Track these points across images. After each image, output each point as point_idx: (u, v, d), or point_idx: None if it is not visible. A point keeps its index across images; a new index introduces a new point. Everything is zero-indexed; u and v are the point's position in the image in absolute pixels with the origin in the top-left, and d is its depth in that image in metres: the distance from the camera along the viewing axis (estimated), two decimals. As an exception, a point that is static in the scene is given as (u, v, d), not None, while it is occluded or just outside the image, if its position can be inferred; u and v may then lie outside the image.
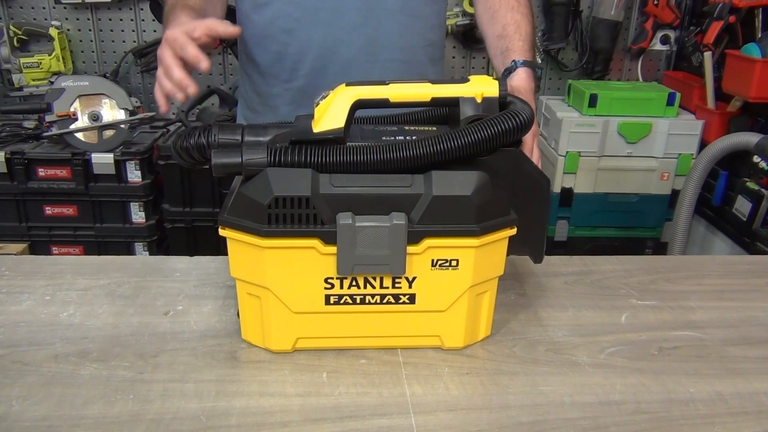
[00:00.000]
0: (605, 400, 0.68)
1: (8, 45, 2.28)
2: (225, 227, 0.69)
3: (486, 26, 1.07)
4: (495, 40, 1.04)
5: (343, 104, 0.71)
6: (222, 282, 0.90)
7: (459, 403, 0.67)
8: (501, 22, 1.03)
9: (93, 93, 2.01)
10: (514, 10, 1.03)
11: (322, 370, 0.72)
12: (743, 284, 0.96)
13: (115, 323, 0.80)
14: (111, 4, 2.35)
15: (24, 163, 2.03)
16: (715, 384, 0.72)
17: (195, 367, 0.72)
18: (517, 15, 1.03)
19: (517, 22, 1.02)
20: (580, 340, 0.79)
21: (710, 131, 2.16)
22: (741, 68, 1.96)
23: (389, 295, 0.71)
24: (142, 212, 2.13)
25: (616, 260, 1.01)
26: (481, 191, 0.68)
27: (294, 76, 1.08)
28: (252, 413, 0.65)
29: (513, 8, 1.03)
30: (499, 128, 0.68)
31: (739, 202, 2.04)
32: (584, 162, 2.18)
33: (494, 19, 1.05)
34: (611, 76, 2.54)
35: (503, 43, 1.02)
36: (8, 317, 0.81)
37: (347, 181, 0.67)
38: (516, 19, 1.03)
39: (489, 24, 1.06)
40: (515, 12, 1.03)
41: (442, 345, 0.75)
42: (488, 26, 1.06)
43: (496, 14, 1.04)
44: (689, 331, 0.82)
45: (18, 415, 0.64)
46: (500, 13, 1.04)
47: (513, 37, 1.01)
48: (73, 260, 1.00)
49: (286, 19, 1.04)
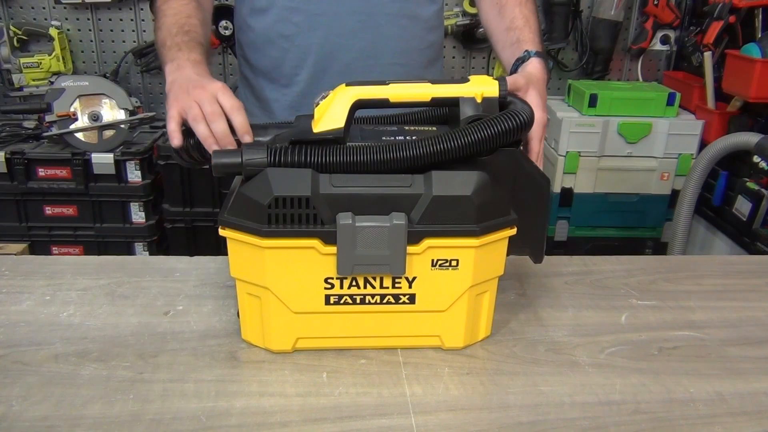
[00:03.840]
0: (605, 400, 0.68)
1: (8, 45, 2.28)
2: (225, 227, 0.69)
3: (493, 21, 1.07)
4: (504, 33, 1.04)
5: (343, 104, 0.71)
6: (222, 282, 0.90)
7: (459, 403, 0.67)
8: (509, 16, 1.03)
9: (93, 93, 2.01)
10: (522, 5, 1.04)
11: (322, 370, 0.72)
12: (743, 284, 0.96)
13: (115, 323, 0.80)
14: (111, 4, 2.35)
15: (24, 163, 2.02)
16: (715, 384, 0.72)
17: (195, 367, 0.72)
18: (525, 10, 1.03)
19: (526, 16, 1.03)
20: (580, 340, 0.79)
21: (710, 131, 2.16)
22: (741, 68, 1.96)
23: (389, 295, 0.71)
24: (142, 212, 2.13)
25: (616, 260, 1.01)
26: (481, 191, 0.68)
27: (293, 81, 1.08)
28: (252, 413, 0.65)
29: (521, 3, 1.04)
30: (499, 128, 0.68)
31: (739, 202, 2.04)
32: (584, 162, 2.18)
33: (502, 13, 1.05)
34: (611, 76, 2.54)
35: (513, 35, 1.01)
36: (8, 317, 0.81)
37: (347, 181, 0.67)
38: (524, 13, 1.03)
39: (497, 19, 1.06)
40: (523, 7, 1.04)
41: (442, 345, 0.75)
42: (496, 20, 1.06)
43: (504, 9, 1.04)
44: (689, 331, 0.82)
45: (18, 415, 0.64)
46: (508, 8, 1.04)
47: (523, 29, 1.01)
48: (73, 260, 1.00)
49: (285, 25, 1.04)
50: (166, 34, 0.93)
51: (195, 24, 0.95)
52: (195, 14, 0.96)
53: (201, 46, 0.92)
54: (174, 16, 0.95)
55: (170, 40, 0.92)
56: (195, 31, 0.94)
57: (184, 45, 0.90)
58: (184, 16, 0.95)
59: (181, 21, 0.94)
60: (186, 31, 0.93)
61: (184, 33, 0.92)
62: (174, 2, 0.97)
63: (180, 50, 0.90)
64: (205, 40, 0.96)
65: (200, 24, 0.96)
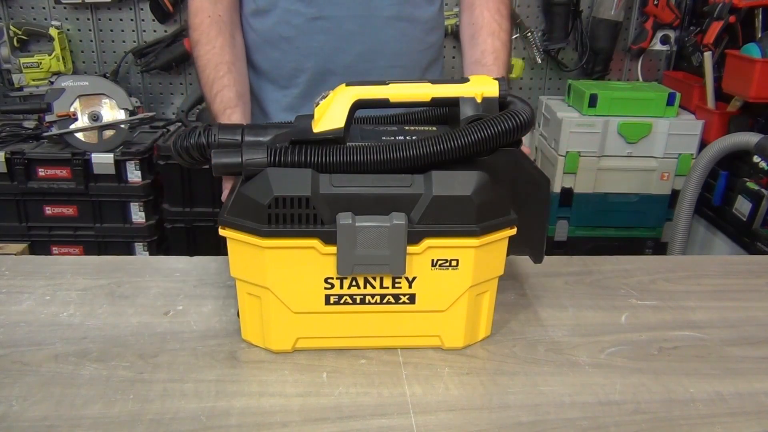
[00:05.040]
0: (605, 400, 0.68)
1: (8, 45, 2.28)
2: (225, 227, 0.69)
3: (465, 45, 1.09)
4: (472, 65, 1.06)
5: (343, 104, 0.71)
6: (222, 282, 0.90)
7: (459, 403, 0.67)
8: (480, 47, 1.04)
9: (93, 93, 2.01)
10: (494, 36, 1.04)
11: (322, 370, 0.72)
12: (743, 284, 0.96)
13: (115, 323, 0.80)
14: (111, 4, 2.35)
15: (24, 163, 2.03)
16: (715, 384, 0.72)
17: (195, 367, 0.72)
18: (497, 42, 1.04)
19: (497, 51, 1.03)
20: (580, 340, 0.79)
21: (710, 131, 2.16)
22: (741, 68, 1.96)
23: (389, 295, 0.71)
24: (142, 212, 2.13)
25: (616, 260, 1.01)
26: (481, 191, 0.68)
27: (292, 83, 1.09)
28: (252, 413, 0.65)
29: (494, 34, 1.04)
30: (499, 128, 0.68)
31: (739, 202, 2.04)
32: (584, 162, 2.18)
33: (474, 40, 1.06)
34: (611, 76, 2.54)
35: (480, 70, 1.03)
36: (8, 317, 0.81)
37: (347, 181, 0.67)
38: (496, 47, 1.03)
39: (469, 45, 1.07)
40: (495, 39, 1.04)
41: (442, 345, 0.75)
42: (468, 46, 1.08)
43: (477, 35, 1.05)
44: (689, 331, 0.82)
45: (18, 415, 0.64)
46: (481, 35, 1.05)
47: (491, 68, 1.02)
48: (73, 260, 1.00)
49: (286, 27, 1.05)
50: (206, 92, 1.00)
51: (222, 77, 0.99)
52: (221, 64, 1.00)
53: (230, 101, 0.98)
54: (203, 71, 1.01)
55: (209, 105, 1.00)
56: (223, 92, 0.98)
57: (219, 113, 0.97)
58: (211, 70, 1.00)
59: (209, 82, 0.99)
60: (215, 95, 0.98)
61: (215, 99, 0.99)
62: (202, 49, 1.01)
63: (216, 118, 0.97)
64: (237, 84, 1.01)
65: (228, 71, 1.00)
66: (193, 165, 0.82)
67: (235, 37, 1.05)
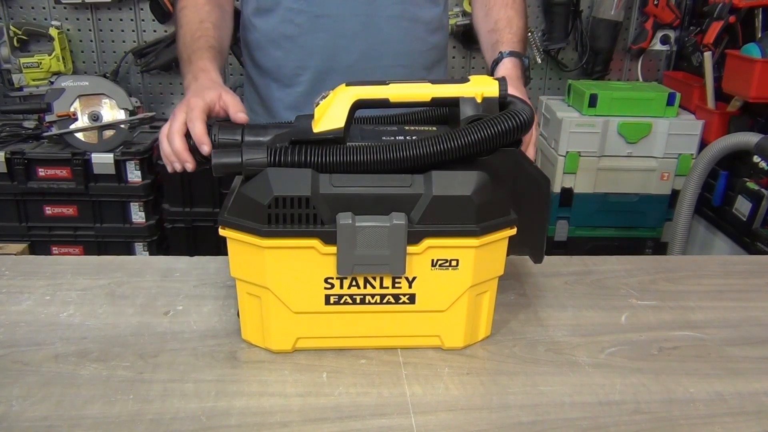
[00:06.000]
0: (605, 400, 0.68)
1: (8, 45, 2.28)
2: (225, 227, 0.69)
3: (480, 23, 1.10)
4: (486, 35, 1.07)
5: (343, 104, 0.71)
6: (222, 282, 0.90)
7: (459, 403, 0.67)
8: (494, 18, 1.06)
9: (93, 93, 2.00)
10: (507, 6, 1.06)
11: (322, 370, 0.72)
12: (743, 284, 0.96)
13: (115, 323, 0.80)
14: (111, 4, 2.35)
15: (24, 163, 2.02)
16: (715, 384, 0.72)
17: (195, 367, 0.72)
18: (510, 11, 1.06)
19: (509, 18, 1.05)
20: (580, 340, 0.79)
21: (710, 131, 2.15)
22: (741, 68, 1.96)
23: (389, 295, 0.71)
24: (142, 212, 2.13)
25: (616, 260, 1.01)
26: (481, 191, 0.68)
27: (295, 82, 1.09)
28: (252, 413, 0.65)
29: (507, 5, 1.06)
30: (499, 128, 0.68)
31: (739, 202, 2.04)
32: (584, 162, 2.18)
33: (488, 15, 1.07)
34: (611, 76, 2.54)
35: (494, 36, 1.04)
36: (8, 317, 0.81)
37: (347, 181, 0.67)
38: (509, 15, 1.05)
39: (483, 21, 1.09)
40: (508, 8, 1.06)
41: (442, 345, 0.75)
42: (482, 23, 1.09)
43: (491, 11, 1.07)
44: (689, 331, 0.82)
45: (18, 415, 0.64)
46: (494, 9, 1.06)
47: (503, 31, 1.03)
48: (73, 260, 1.00)
49: (289, 26, 1.05)
50: (181, 47, 0.96)
51: (207, 27, 0.96)
52: (208, 17, 0.97)
53: (211, 49, 0.93)
54: (187, 25, 0.97)
55: (184, 53, 0.94)
56: (205, 36, 0.94)
57: (194, 55, 0.92)
58: (196, 22, 0.96)
59: (192, 29, 0.95)
60: (197, 38, 0.94)
61: (194, 40, 0.94)
62: (188, 9, 0.98)
63: (190, 62, 0.92)
64: (218, 41, 0.97)
65: (213, 26, 0.97)
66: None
67: (224, 7, 1.02)
